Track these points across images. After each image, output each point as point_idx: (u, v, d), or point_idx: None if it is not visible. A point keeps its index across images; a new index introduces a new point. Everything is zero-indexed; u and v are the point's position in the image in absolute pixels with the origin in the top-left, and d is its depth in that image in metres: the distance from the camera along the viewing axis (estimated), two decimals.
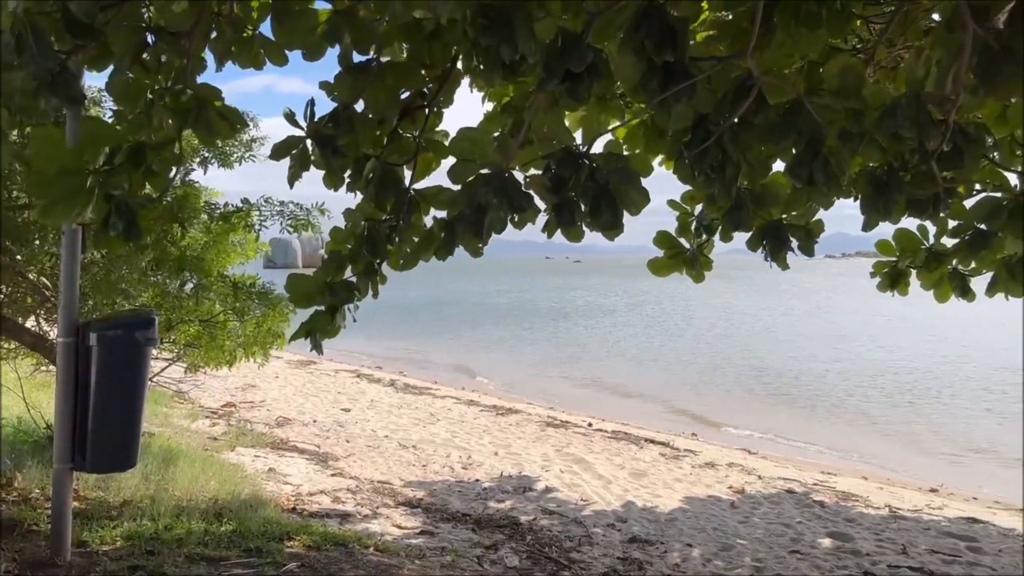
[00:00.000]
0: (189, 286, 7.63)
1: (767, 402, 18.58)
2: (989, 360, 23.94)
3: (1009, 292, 5.43)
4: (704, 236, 4.93)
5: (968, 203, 4.81)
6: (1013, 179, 5.24)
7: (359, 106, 3.59)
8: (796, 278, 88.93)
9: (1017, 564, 7.00)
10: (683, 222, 4.97)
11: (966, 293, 5.68)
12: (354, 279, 3.83)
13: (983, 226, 4.69)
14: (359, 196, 3.84)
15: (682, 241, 4.99)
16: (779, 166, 3.50)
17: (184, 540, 5.15)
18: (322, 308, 3.80)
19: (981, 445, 14.22)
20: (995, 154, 5.25)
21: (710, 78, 2.99)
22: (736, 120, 2.99)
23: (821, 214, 5.01)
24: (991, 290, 5.43)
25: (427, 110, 3.70)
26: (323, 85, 3.56)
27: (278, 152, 3.67)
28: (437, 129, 3.91)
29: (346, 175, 3.77)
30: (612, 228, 3.06)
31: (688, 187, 4.49)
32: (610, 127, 4.81)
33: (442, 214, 3.65)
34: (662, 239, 4.99)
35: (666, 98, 2.80)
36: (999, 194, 4.72)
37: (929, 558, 6.99)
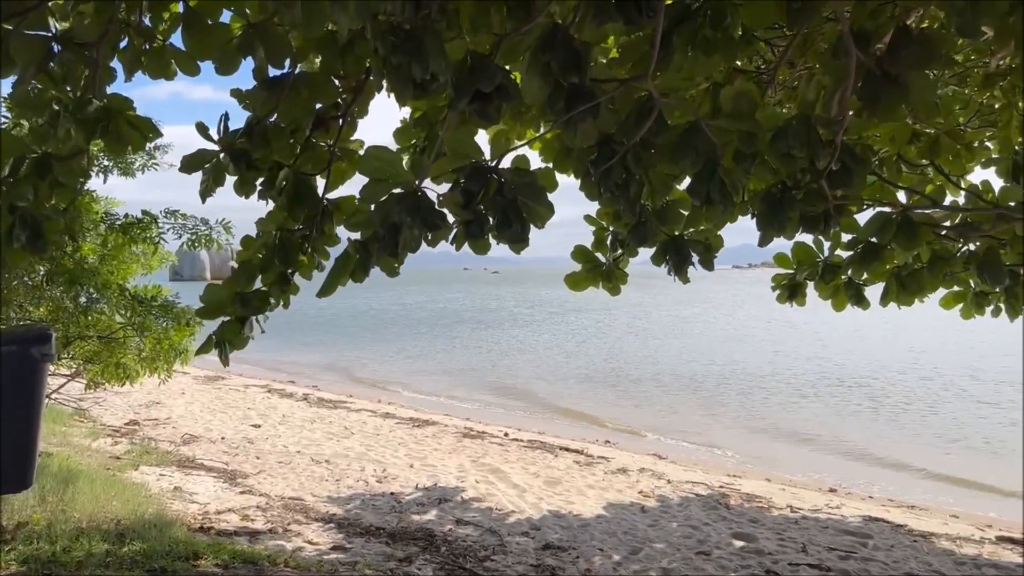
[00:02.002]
0: (84, 299, 7.35)
1: (676, 407, 19.06)
2: (889, 363, 25.31)
3: (899, 301, 5.77)
4: (619, 250, 5.07)
5: (860, 218, 5.10)
6: (901, 195, 5.59)
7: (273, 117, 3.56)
8: (706, 287, 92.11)
9: (908, 559, 7.39)
10: (599, 236, 5.09)
11: (860, 302, 6.01)
12: (265, 289, 3.78)
13: (874, 239, 4.98)
14: (270, 204, 3.80)
15: (598, 255, 5.12)
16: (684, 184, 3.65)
17: (84, 563, 4.96)
18: (230, 319, 3.72)
19: (869, 446, 14.95)
20: (884, 171, 5.59)
21: (613, 99, 3.09)
22: (639, 140, 3.10)
23: (730, 225, 5.23)
24: (884, 299, 5.76)
25: (341, 120, 3.70)
26: (234, 93, 3.51)
27: (189, 165, 3.60)
28: (352, 139, 3.91)
29: (258, 183, 3.72)
30: (519, 242, 3.12)
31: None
32: (526, 140, 4.89)
33: (356, 235, 3.64)
34: (579, 253, 5.10)
35: (571, 118, 2.88)
36: (888, 209, 5.02)
37: (827, 555, 7.32)
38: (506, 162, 3.27)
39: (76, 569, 4.83)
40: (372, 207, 2.99)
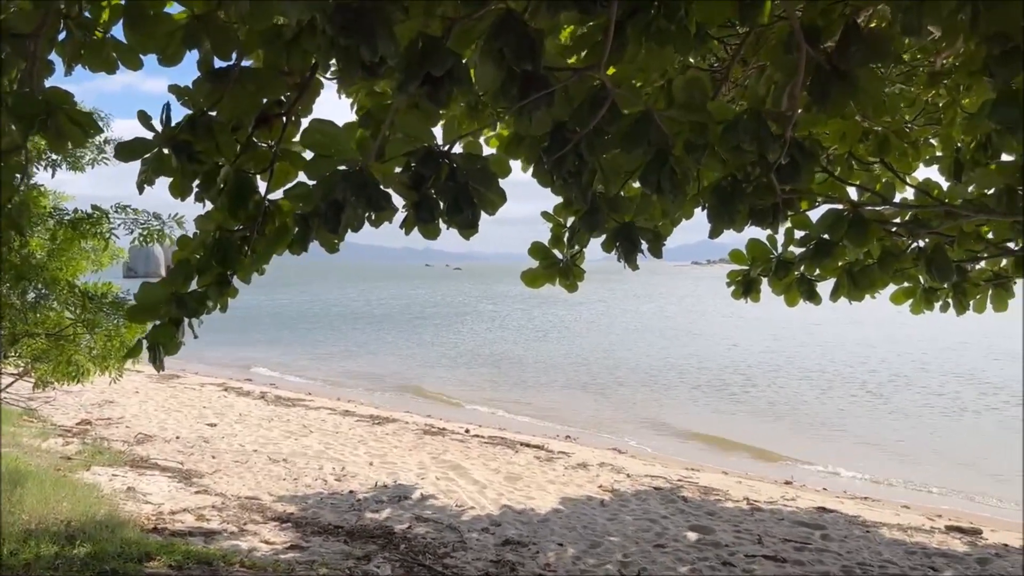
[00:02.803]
0: (32, 296, 7.15)
1: (635, 401, 19.23)
2: (837, 355, 25.86)
3: (850, 297, 5.88)
4: (576, 247, 5.08)
5: (812, 215, 5.18)
6: (852, 192, 5.69)
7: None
8: (666, 283, 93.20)
9: (861, 549, 7.53)
10: (556, 233, 5.10)
11: (812, 297, 6.10)
12: (203, 290, 3.68)
13: (826, 236, 5.05)
14: (208, 205, 3.71)
15: (556, 252, 5.13)
16: None
17: (32, 565, 4.84)
18: (164, 321, 3.61)
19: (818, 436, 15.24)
20: (837, 169, 5.68)
21: (567, 88, 3.09)
22: (592, 129, 3.11)
23: (689, 223, 5.26)
24: (835, 295, 5.86)
25: (284, 119, 3.63)
26: (172, 89, 3.43)
27: (123, 153, 3.49)
28: (295, 139, 3.84)
29: (195, 183, 3.62)
30: (469, 227, 3.11)
31: (560, 199, 4.62)
32: (472, 129, 4.87)
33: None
34: (536, 250, 5.10)
35: (525, 106, 2.88)
36: (840, 206, 5.10)
37: (783, 546, 7.43)
38: (459, 149, 3.27)
39: (24, 572, 4.71)
40: (313, 182, 2.94)
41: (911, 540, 8.01)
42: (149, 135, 3.32)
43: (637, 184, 3.64)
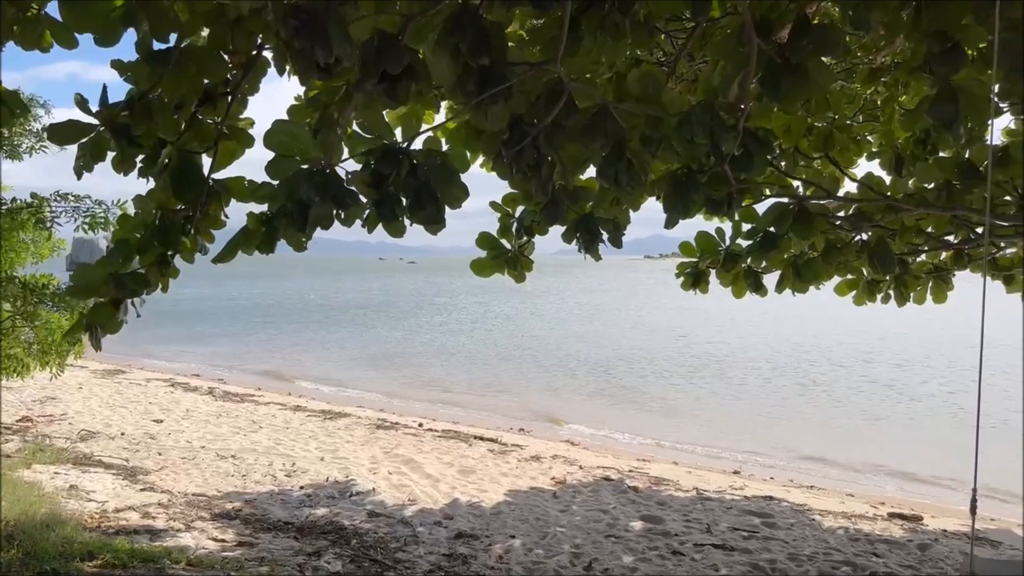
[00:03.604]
0: None
1: (588, 393, 19.40)
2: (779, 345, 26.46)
3: (795, 288, 6.01)
4: (524, 237, 5.09)
5: (759, 208, 5.27)
6: (799, 187, 5.80)
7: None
8: (620, 276, 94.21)
9: (807, 537, 7.71)
10: (504, 223, 5.10)
11: (758, 289, 6.22)
12: (143, 271, 3.59)
13: (772, 229, 5.15)
14: (151, 182, 3.61)
15: (503, 242, 5.13)
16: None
17: None
18: (103, 301, 3.52)
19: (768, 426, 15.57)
20: (783, 163, 5.79)
21: (524, 82, 3.09)
22: (550, 122, 3.12)
23: (643, 216, 5.30)
24: (780, 286, 5.99)
25: (230, 97, 3.56)
26: (115, 64, 3.33)
27: (57, 135, 3.38)
28: (241, 116, 3.77)
29: (138, 160, 3.53)
30: (434, 223, 3.10)
31: (510, 190, 4.62)
32: (432, 125, 4.84)
33: (261, 207, 3.52)
34: (484, 240, 5.10)
35: (483, 100, 2.87)
36: (786, 200, 5.20)
37: (731, 535, 7.57)
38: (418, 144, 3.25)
39: None
40: (277, 183, 2.90)
41: (855, 527, 8.23)
42: (86, 119, 3.23)
43: (592, 176, 3.67)
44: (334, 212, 2.99)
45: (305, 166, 3.01)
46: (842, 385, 20.27)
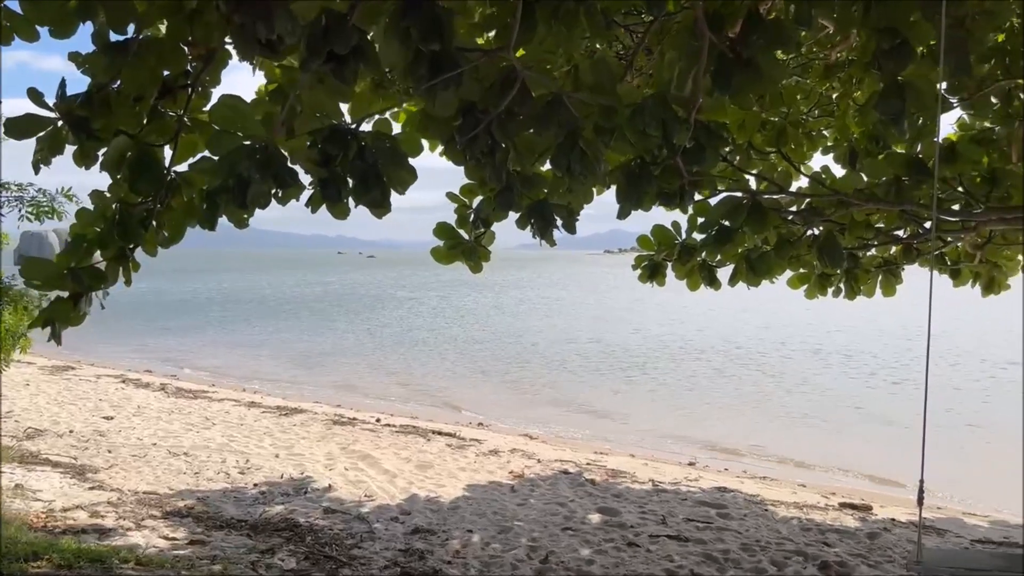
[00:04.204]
0: None
1: (548, 385, 19.47)
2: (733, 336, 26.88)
3: (748, 282, 6.08)
4: (481, 228, 5.08)
5: (713, 201, 5.32)
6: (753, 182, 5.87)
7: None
8: (579, 271, 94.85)
9: (760, 527, 7.82)
10: (461, 214, 5.08)
11: (713, 282, 6.29)
12: (102, 265, 3.52)
13: (727, 223, 5.21)
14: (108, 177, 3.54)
15: (461, 233, 5.11)
16: None
17: None
18: (62, 296, 3.45)
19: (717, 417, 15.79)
20: (736, 158, 5.85)
21: (477, 68, 3.07)
22: (503, 110, 3.10)
23: (601, 212, 5.30)
24: (733, 279, 6.06)
25: (190, 89, 3.49)
26: (72, 56, 3.25)
27: (15, 129, 3.30)
28: (203, 109, 3.70)
29: (100, 153, 3.46)
30: (379, 206, 3.07)
31: (468, 181, 4.60)
32: (383, 108, 4.78)
33: None
34: (442, 230, 5.08)
35: (433, 86, 2.84)
36: (739, 193, 5.26)
37: (685, 526, 7.65)
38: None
39: None
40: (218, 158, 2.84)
41: (806, 517, 8.37)
42: (42, 112, 3.15)
43: (548, 166, 3.66)
44: (272, 191, 2.93)
45: (247, 142, 2.95)
46: (792, 377, 20.69)
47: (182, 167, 3.55)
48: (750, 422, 15.59)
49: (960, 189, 6.03)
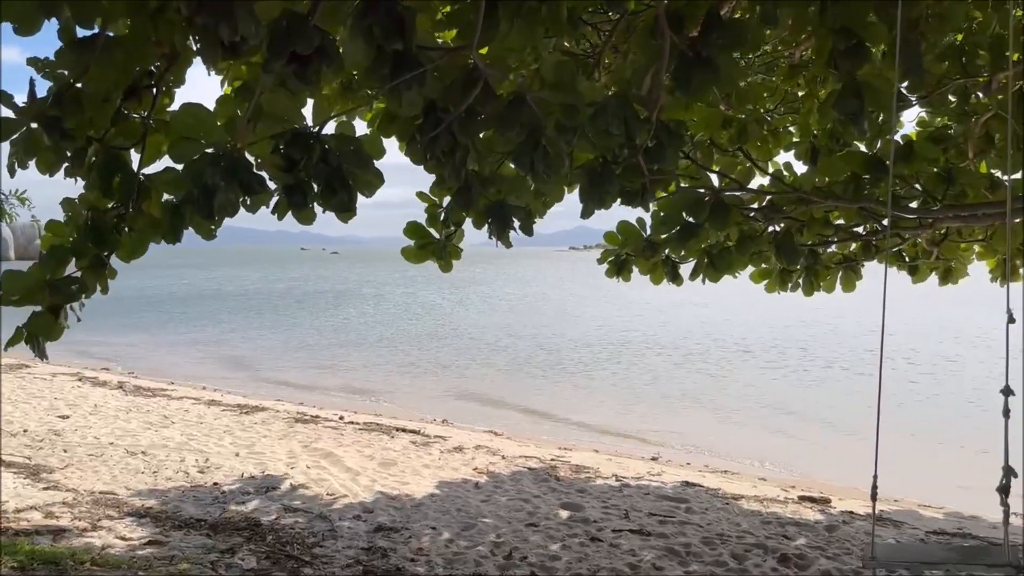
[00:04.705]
0: None
1: (512, 381, 19.51)
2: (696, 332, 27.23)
3: (709, 277, 6.14)
4: (452, 227, 5.06)
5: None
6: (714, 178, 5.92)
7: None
8: (546, 266, 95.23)
9: (721, 520, 7.91)
10: (431, 213, 5.06)
11: (675, 278, 6.34)
12: (79, 274, 3.46)
13: (690, 219, 5.25)
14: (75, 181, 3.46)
15: (432, 231, 5.09)
16: None
17: None
18: (41, 308, 3.39)
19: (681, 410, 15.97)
20: (698, 155, 5.89)
21: (439, 67, 3.04)
22: (465, 109, 3.08)
23: (567, 209, 5.32)
24: (693, 275, 6.11)
25: (155, 90, 3.42)
26: (31, 62, 3.17)
27: None
28: (169, 110, 3.63)
29: (65, 160, 3.39)
30: (346, 210, 3.03)
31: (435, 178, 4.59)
32: (344, 109, 4.72)
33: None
34: (412, 229, 5.06)
35: (396, 85, 2.81)
36: (701, 190, 5.30)
37: (648, 520, 7.71)
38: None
39: None
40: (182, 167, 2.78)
41: (767, 510, 8.49)
42: (11, 114, 3.07)
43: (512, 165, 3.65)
44: (240, 199, 2.88)
45: (210, 150, 2.90)
46: (750, 372, 21.02)
47: (151, 169, 3.49)
48: (711, 416, 15.77)
49: (918, 186, 6.15)
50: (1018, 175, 6.45)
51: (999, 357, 3.72)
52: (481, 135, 3.21)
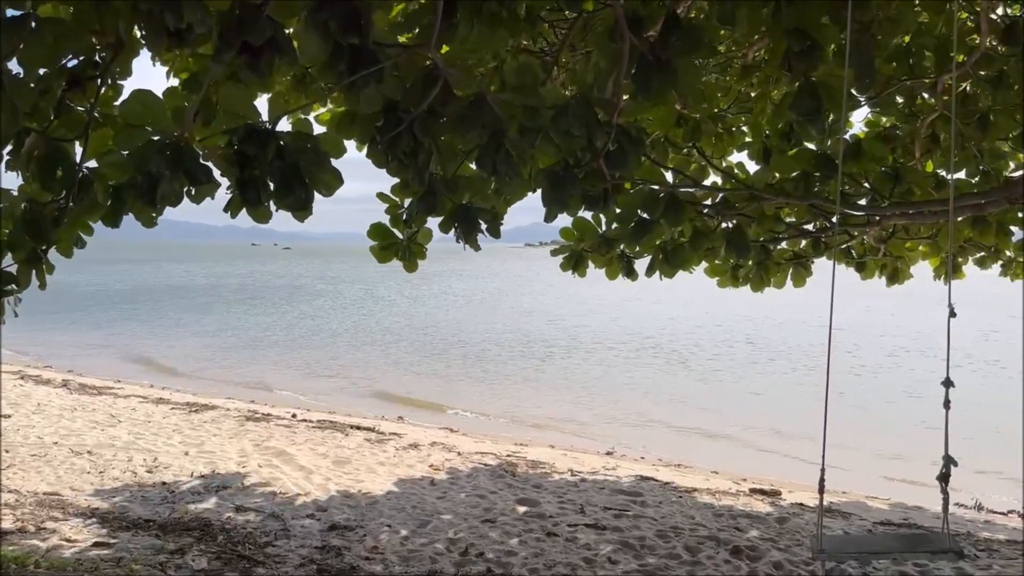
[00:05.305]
0: None
1: (469, 378, 19.50)
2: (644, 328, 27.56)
3: (664, 273, 6.20)
4: (415, 227, 5.03)
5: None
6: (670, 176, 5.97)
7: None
8: (502, 262, 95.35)
9: (674, 513, 8.00)
10: (393, 214, 5.02)
11: (630, 273, 6.39)
12: (14, 268, 3.34)
13: (645, 215, 5.29)
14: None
15: (396, 232, 5.05)
16: None
17: None
18: None
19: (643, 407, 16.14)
20: (653, 152, 5.95)
21: (398, 66, 3.01)
22: (426, 109, 3.05)
23: (523, 205, 5.32)
24: (650, 270, 6.17)
25: (100, 81, 3.31)
26: None
27: None
28: (115, 103, 3.52)
29: (5, 152, 3.27)
30: (301, 209, 2.98)
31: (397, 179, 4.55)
32: (314, 113, 4.66)
33: None
34: (376, 231, 5.01)
35: (354, 82, 2.77)
36: (656, 187, 5.35)
37: (603, 514, 7.77)
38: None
39: None
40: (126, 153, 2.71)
41: (719, 503, 8.62)
42: None
43: (473, 166, 3.63)
44: (185, 189, 2.81)
45: (157, 138, 2.83)
46: (702, 365, 21.39)
47: (94, 163, 3.38)
48: (666, 409, 15.96)
49: (866, 185, 6.29)
50: (961, 174, 6.67)
51: (941, 349, 3.85)
52: (443, 137, 3.18)
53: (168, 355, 22.59)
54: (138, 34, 3.19)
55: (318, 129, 3.40)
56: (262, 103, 3.21)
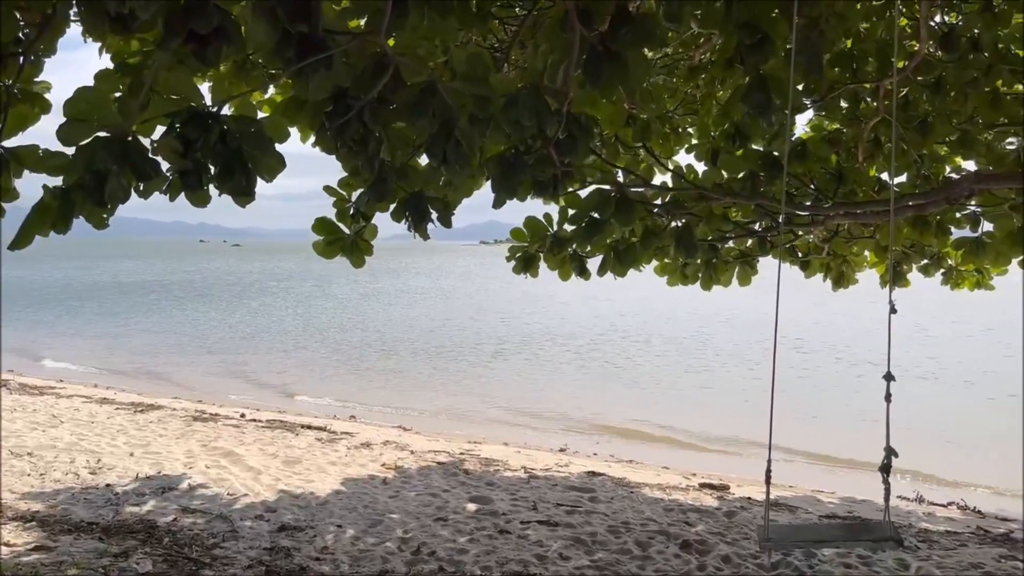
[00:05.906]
0: None
1: (422, 376, 19.40)
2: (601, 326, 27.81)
3: (615, 272, 6.25)
4: (362, 222, 4.98)
5: (583, 193, 5.44)
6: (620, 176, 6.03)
7: None
8: (455, 260, 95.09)
9: (626, 509, 8.08)
10: (340, 208, 4.96)
11: (583, 272, 6.43)
12: None
13: (596, 214, 5.33)
14: None
15: (342, 227, 4.99)
16: None
17: None
18: None
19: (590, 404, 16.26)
20: (604, 151, 6.00)
21: (348, 53, 2.99)
22: (376, 97, 3.03)
23: (479, 203, 5.31)
24: (601, 269, 6.21)
25: (22, 58, 3.21)
26: None
27: None
28: (37, 80, 3.42)
29: None
30: (244, 195, 2.93)
31: (346, 174, 4.49)
32: (257, 100, 4.58)
33: (56, 181, 3.19)
34: (321, 225, 4.94)
35: (303, 68, 2.74)
36: (608, 187, 5.39)
37: (555, 511, 7.80)
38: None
39: None
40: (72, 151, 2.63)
41: (669, 498, 8.72)
42: None
43: (424, 158, 3.62)
44: (133, 184, 2.74)
45: (102, 133, 2.75)
46: (652, 361, 21.67)
47: (12, 142, 3.27)
48: (616, 405, 16.10)
49: (811, 186, 6.44)
50: (902, 178, 6.86)
51: (883, 344, 3.97)
52: (394, 126, 3.16)
53: (112, 354, 22.04)
54: (70, 15, 3.11)
55: (260, 116, 3.35)
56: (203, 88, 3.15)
